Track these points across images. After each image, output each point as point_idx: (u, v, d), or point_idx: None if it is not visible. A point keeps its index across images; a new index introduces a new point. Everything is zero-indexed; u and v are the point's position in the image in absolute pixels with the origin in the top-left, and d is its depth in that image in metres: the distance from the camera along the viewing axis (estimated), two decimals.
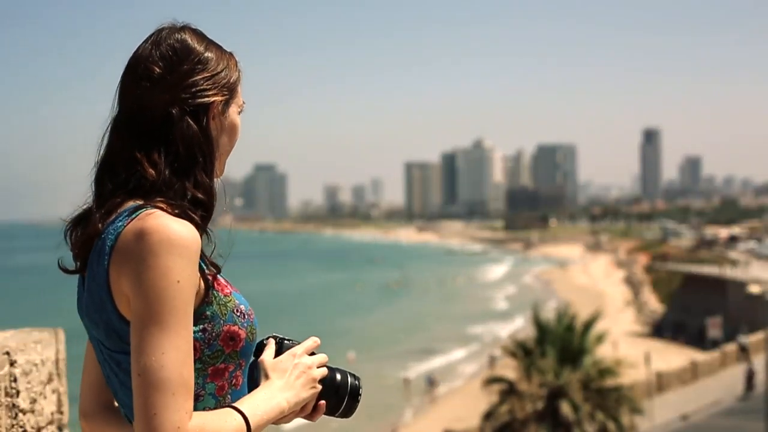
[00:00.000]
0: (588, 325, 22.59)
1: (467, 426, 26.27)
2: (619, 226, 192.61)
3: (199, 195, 1.38)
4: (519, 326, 50.61)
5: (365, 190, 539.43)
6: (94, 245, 1.36)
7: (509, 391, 21.29)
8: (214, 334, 1.35)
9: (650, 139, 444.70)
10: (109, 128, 1.44)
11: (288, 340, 1.52)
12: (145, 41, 1.45)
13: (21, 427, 2.21)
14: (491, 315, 63.12)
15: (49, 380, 2.38)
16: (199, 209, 1.37)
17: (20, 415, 2.21)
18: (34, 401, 2.28)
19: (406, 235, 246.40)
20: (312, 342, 1.51)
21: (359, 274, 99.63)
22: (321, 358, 1.50)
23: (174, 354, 1.24)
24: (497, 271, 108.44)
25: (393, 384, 37.59)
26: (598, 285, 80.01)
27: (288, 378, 1.43)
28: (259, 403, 1.36)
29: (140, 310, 1.26)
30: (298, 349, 1.48)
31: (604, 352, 24.41)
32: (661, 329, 52.50)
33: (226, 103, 1.46)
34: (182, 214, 1.33)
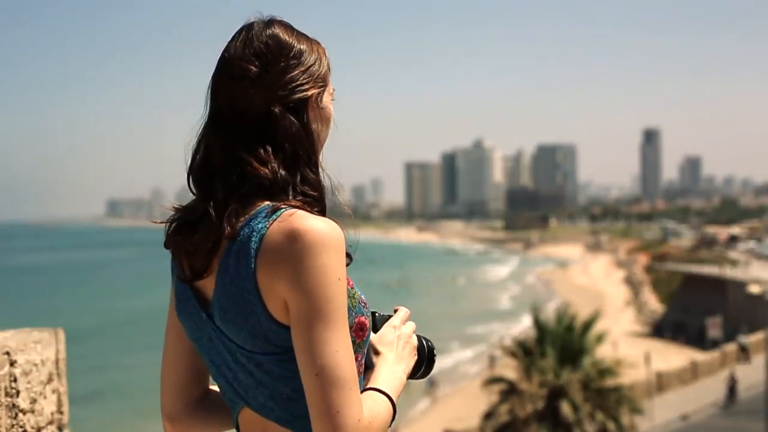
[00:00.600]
0: (588, 325, 22.59)
1: (467, 426, 26.27)
2: (619, 226, 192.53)
3: (310, 190, 1.40)
4: (519, 326, 50.58)
5: (365, 190, 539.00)
6: (226, 249, 1.34)
7: (509, 391, 21.30)
8: (349, 326, 1.37)
9: (650, 139, 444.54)
10: (203, 130, 1.43)
11: (375, 312, 1.57)
12: (235, 39, 1.44)
13: (21, 427, 2.21)
14: (492, 315, 63.09)
15: (49, 380, 2.38)
16: (313, 203, 1.39)
17: (20, 415, 2.21)
18: (34, 401, 2.28)
19: (406, 235, 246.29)
20: (404, 313, 1.58)
21: (359, 273, 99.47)
22: (413, 326, 1.57)
23: (345, 351, 1.28)
24: (498, 271, 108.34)
25: None
26: (598, 285, 79.98)
27: (397, 350, 1.50)
28: (389, 380, 1.43)
29: (305, 312, 1.28)
30: (395, 321, 1.55)
31: (604, 352, 24.40)
32: (661, 329, 52.48)
33: (321, 94, 1.46)
34: (320, 212, 1.36)
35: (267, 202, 1.35)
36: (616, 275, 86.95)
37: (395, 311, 1.58)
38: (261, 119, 1.38)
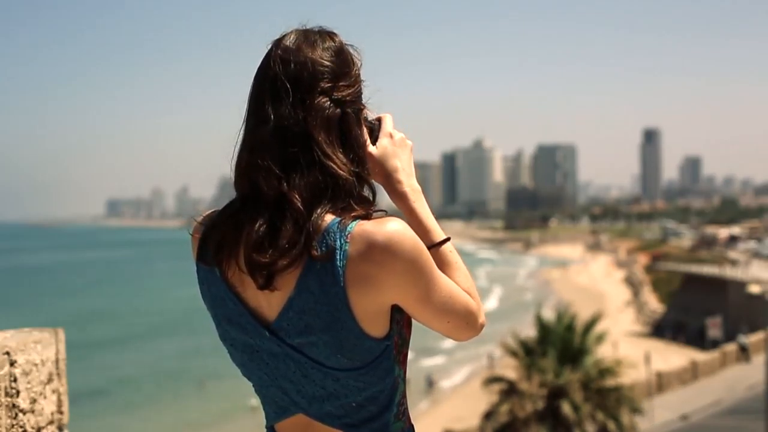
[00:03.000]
0: (589, 325, 22.59)
1: (467, 426, 26.26)
2: (619, 226, 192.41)
3: (369, 194, 1.45)
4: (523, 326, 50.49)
5: None
6: (306, 267, 1.32)
7: (509, 390, 21.29)
8: (402, 323, 1.42)
9: (650, 139, 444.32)
10: (271, 125, 1.38)
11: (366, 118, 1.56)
12: (301, 41, 1.43)
13: (21, 427, 2.21)
14: (493, 314, 63.07)
15: (49, 380, 2.38)
16: (372, 208, 1.42)
17: (20, 415, 2.21)
18: (34, 401, 2.27)
19: None
20: (391, 118, 1.58)
21: None
22: (392, 120, 1.58)
23: (451, 289, 1.41)
24: (513, 271, 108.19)
25: None
26: (598, 285, 79.96)
27: (403, 159, 1.55)
28: (429, 213, 1.55)
29: (419, 296, 1.37)
30: (389, 128, 1.56)
31: (604, 352, 24.40)
32: (661, 329, 52.49)
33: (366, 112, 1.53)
34: (379, 215, 1.39)
35: (333, 216, 1.34)
36: (616, 275, 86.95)
37: (379, 119, 1.56)
38: (339, 119, 1.40)
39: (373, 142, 1.53)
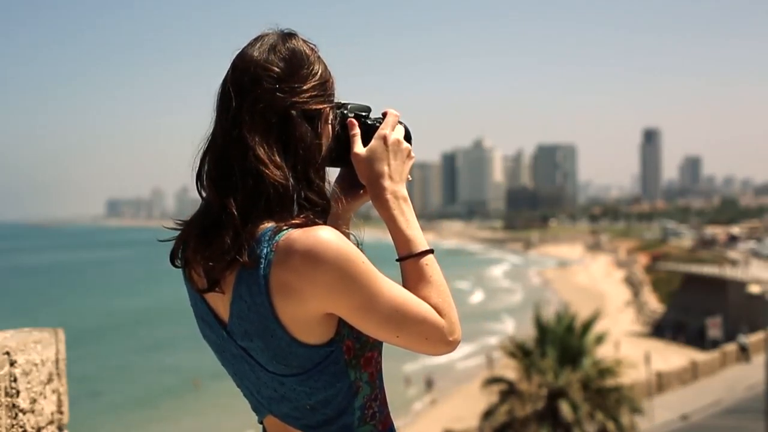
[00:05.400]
0: (588, 325, 22.57)
1: (467, 426, 26.26)
2: (619, 226, 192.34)
3: (317, 198, 1.40)
4: (512, 327, 50.49)
5: None
6: (238, 274, 1.34)
7: (509, 391, 21.29)
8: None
9: (650, 139, 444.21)
10: (219, 132, 1.41)
11: (364, 115, 1.53)
12: (254, 45, 1.43)
13: (21, 427, 2.21)
14: (489, 314, 63.03)
15: (49, 380, 2.38)
16: (319, 213, 1.39)
17: (20, 415, 2.21)
18: (34, 401, 2.28)
19: None
20: (393, 117, 1.53)
21: None
22: (402, 130, 1.54)
23: (398, 297, 1.36)
24: (498, 270, 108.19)
25: (392, 383, 37.34)
26: (598, 285, 79.95)
27: (393, 167, 1.50)
28: (412, 222, 1.49)
29: (355, 307, 1.33)
30: (385, 129, 1.52)
31: (605, 353, 24.37)
32: (661, 329, 52.48)
33: (329, 111, 1.48)
34: (316, 222, 1.36)
35: (270, 224, 1.34)
36: (616, 275, 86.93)
37: (383, 115, 1.54)
38: (279, 123, 1.39)
39: (367, 143, 1.51)
